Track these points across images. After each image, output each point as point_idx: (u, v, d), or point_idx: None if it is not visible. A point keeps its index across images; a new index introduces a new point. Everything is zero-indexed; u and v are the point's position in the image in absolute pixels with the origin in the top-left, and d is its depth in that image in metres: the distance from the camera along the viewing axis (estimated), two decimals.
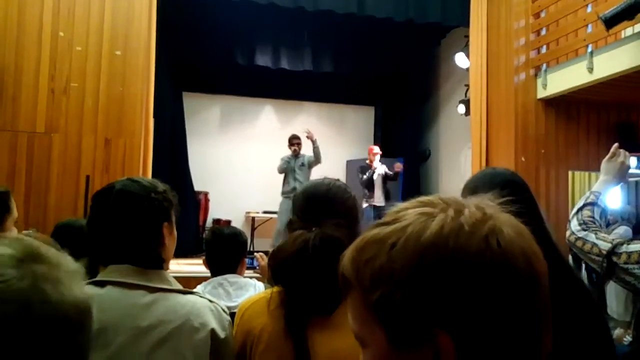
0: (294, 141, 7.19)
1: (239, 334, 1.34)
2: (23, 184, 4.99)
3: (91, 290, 1.16)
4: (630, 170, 1.85)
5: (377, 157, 7.22)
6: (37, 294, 0.62)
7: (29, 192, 5.00)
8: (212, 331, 1.31)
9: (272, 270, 1.33)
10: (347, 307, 0.62)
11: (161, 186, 1.39)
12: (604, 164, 1.81)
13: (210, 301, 1.37)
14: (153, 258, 1.34)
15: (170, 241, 1.38)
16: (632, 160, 2.08)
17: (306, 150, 7.18)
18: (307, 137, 6.99)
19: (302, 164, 7.06)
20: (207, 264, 2.40)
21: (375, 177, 7.12)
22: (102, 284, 1.28)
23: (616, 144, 1.84)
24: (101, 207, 1.35)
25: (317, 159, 7.05)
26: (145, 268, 1.32)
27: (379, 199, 7.09)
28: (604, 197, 1.72)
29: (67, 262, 0.68)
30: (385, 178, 7.16)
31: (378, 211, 7.05)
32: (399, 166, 7.10)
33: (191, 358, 1.27)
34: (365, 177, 7.12)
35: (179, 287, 1.36)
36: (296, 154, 7.12)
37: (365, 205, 7.09)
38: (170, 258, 1.41)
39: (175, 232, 1.40)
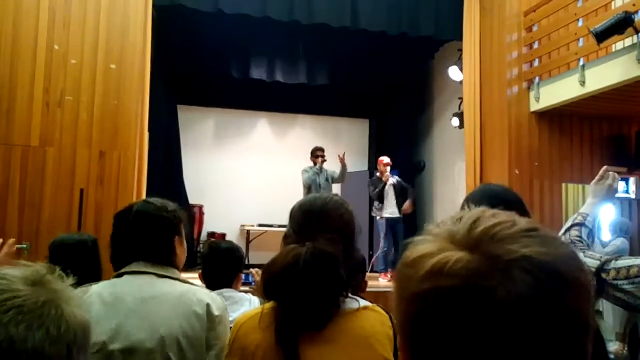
0: (319, 153, 6.96)
1: (236, 349, 1.34)
2: (17, 197, 4.97)
3: (112, 280, 1.61)
4: (617, 195, 1.88)
5: (388, 168, 7.05)
6: (53, 308, 0.66)
7: (23, 205, 4.98)
8: (208, 306, 1.55)
9: (263, 284, 1.33)
10: (341, 322, 0.63)
11: (171, 205, 1.69)
12: (592, 186, 1.85)
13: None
14: (167, 259, 1.63)
15: (181, 251, 1.68)
16: (620, 185, 2.14)
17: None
18: (340, 161, 6.88)
19: (326, 179, 6.92)
20: (203, 278, 2.39)
21: (386, 188, 6.98)
22: (120, 275, 1.61)
23: (605, 167, 1.88)
24: (122, 225, 1.65)
25: (342, 178, 6.99)
26: (159, 264, 1.61)
27: (391, 211, 6.96)
28: (592, 218, 1.75)
29: (70, 288, 0.73)
30: (402, 189, 7.04)
31: (392, 223, 6.98)
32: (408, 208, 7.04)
33: (187, 323, 1.51)
34: (377, 190, 6.98)
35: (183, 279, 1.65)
36: (320, 167, 6.89)
37: (377, 217, 7.05)
38: (182, 265, 1.70)
39: (185, 244, 1.71)
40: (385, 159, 7.15)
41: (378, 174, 7.20)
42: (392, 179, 7.07)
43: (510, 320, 0.50)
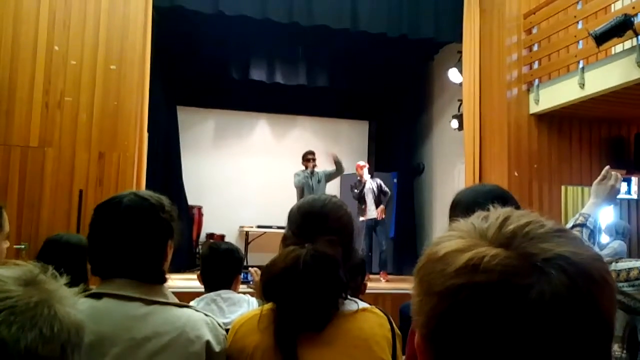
0: (309, 157, 7.02)
1: (233, 351, 1.33)
2: (16, 198, 4.97)
3: (88, 302, 1.23)
4: (620, 195, 1.84)
5: (365, 170, 7.26)
6: (46, 308, 0.65)
7: (22, 206, 4.98)
8: (207, 344, 1.31)
9: (263, 286, 1.32)
10: (339, 323, 0.63)
11: (167, 203, 1.39)
12: (594, 186, 1.81)
13: (207, 315, 1.37)
14: (157, 273, 1.35)
15: (170, 254, 1.40)
16: (623, 185, 2.07)
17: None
18: (334, 160, 6.93)
19: (319, 181, 6.97)
20: (202, 279, 2.39)
21: (365, 190, 7.16)
22: (98, 296, 1.29)
23: (607, 167, 1.84)
24: (106, 221, 1.35)
25: (338, 172, 7.03)
26: (146, 282, 1.32)
27: (372, 212, 7.12)
28: (593, 219, 1.73)
29: (64, 287, 0.72)
30: (380, 192, 7.20)
31: (372, 224, 7.10)
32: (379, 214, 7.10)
33: None
34: (356, 191, 7.19)
35: (176, 300, 1.37)
36: (312, 171, 6.94)
37: (360, 219, 7.09)
38: (167, 269, 1.43)
39: (172, 249, 1.41)
40: (361, 163, 7.43)
41: (358, 177, 7.34)
42: (371, 182, 7.21)
43: (544, 318, 0.50)
